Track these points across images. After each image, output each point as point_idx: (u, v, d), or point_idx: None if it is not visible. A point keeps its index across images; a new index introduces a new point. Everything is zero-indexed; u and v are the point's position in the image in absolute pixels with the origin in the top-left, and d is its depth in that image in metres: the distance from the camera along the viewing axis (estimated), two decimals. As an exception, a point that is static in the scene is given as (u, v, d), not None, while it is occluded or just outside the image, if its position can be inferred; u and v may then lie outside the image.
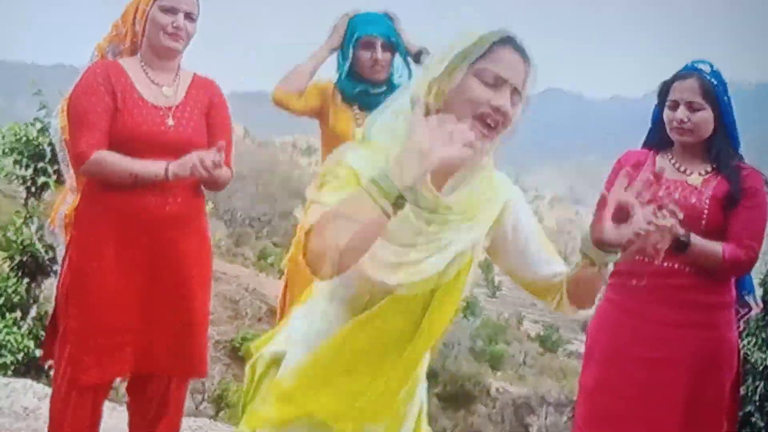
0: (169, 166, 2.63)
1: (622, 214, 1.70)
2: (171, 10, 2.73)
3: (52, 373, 3.08)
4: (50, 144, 8.81)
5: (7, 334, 7.86)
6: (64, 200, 3.01)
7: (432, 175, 1.60)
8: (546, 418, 23.70)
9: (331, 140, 3.07)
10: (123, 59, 2.83)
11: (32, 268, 8.72)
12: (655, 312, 2.67)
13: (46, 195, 8.99)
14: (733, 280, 2.74)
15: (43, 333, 9.12)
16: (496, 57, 1.67)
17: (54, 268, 9.29)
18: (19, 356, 8.28)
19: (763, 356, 10.80)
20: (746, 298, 2.84)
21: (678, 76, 2.72)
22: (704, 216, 2.63)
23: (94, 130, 2.66)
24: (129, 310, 2.74)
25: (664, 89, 2.76)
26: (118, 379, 3.03)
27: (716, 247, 2.58)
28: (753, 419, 10.44)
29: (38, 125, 8.82)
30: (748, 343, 10.93)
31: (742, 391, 9.57)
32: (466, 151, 1.48)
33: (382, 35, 3.16)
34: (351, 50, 3.17)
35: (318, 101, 3.24)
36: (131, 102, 2.72)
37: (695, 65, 2.72)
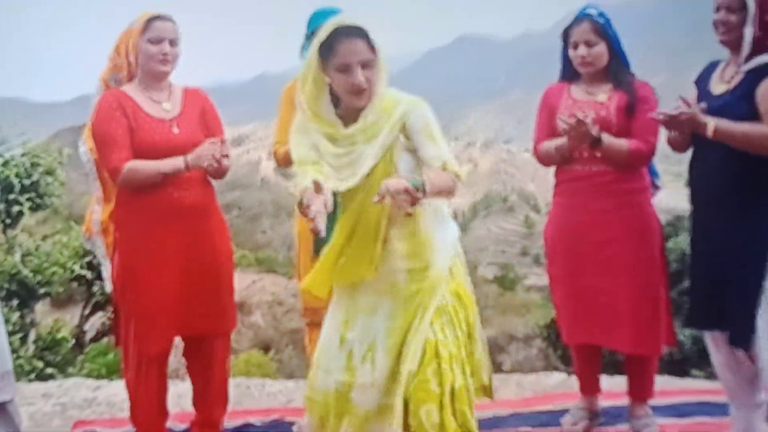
0: (187, 158, 3.21)
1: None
2: (158, 41, 3.28)
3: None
4: (17, 175, 9.25)
5: (15, 359, 8.32)
6: (93, 210, 3.56)
7: (344, 117, 2.61)
8: (516, 353, 24.39)
9: None
10: (124, 86, 3.37)
11: (23, 294, 9.18)
12: (594, 203, 3.39)
13: (23, 222, 9.49)
14: (645, 170, 3.46)
15: (46, 352, 9.67)
16: (337, 53, 2.47)
17: (46, 290, 9.78)
18: (32, 376, 8.81)
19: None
20: (655, 181, 3.58)
21: (574, 22, 3.42)
22: (613, 123, 3.34)
23: (121, 148, 3.22)
24: (173, 289, 3.33)
25: (566, 34, 3.46)
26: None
27: (622, 142, 3.30)
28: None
29: (1, 160, 9.28)
30: (684, 239, 11.69)
31: (685, 284, 10.42)
32: None
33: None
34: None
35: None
36: (141, 120, 3.28)
37: (585, 11, 3.42)
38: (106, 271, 3.56)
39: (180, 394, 4.07)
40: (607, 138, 3.26)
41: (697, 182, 3.30)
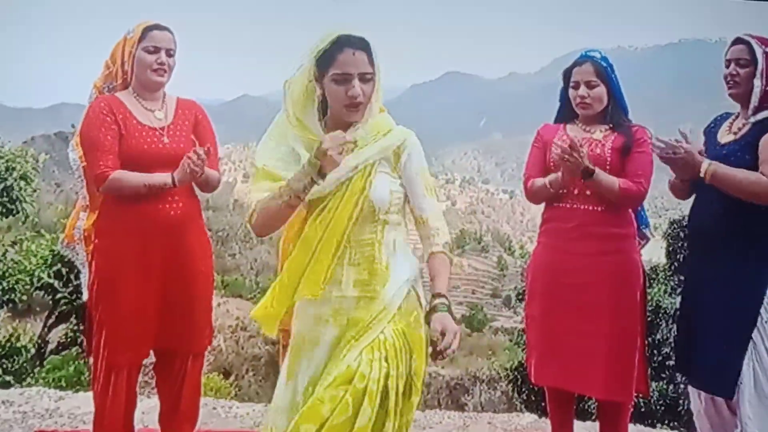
0: (174, 175, 3.18)
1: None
2: (154, 50, 3.26)
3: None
4: (-13, 180, 9.18)
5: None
6: (77, 218, 3.49)
7: (332, 127, 2.47)
8: (480, 395, 24.37)
9: None
10: (118, 93, 3.34)
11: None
12: (577, 246, 3.39)
13: (-6, 226, 9.39)
14: (633, 216, 3.46)
15: (3, 360, 9.49)
16: (337, 62, 2.39)
17: (10, 297, 9.63)
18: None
19: (673, 302, 11.75)
20: (644, 230, 3.59)
21: (576, 63, 3.46)
22: (608, 162, 3.36)
23: (107, 154, 3.17)
24: (149, 301, 3.27)
25: (567, 74, 3.49)
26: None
27: (614, 179, 3.30)
28: (669, 362, 11.34)
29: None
30: (659, 291, 11.86)
31: (658, 336, 10.48)
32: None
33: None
34: None
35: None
36: (132, 127, 3.24)
37: (588, 53, 3.48)
38: (85, 278, 3.48)
39: (144, 411, 3.98)
40: (599, 172, 3.27)
41: (695, 229, 3.34)
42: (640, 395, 3.50)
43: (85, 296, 3.49)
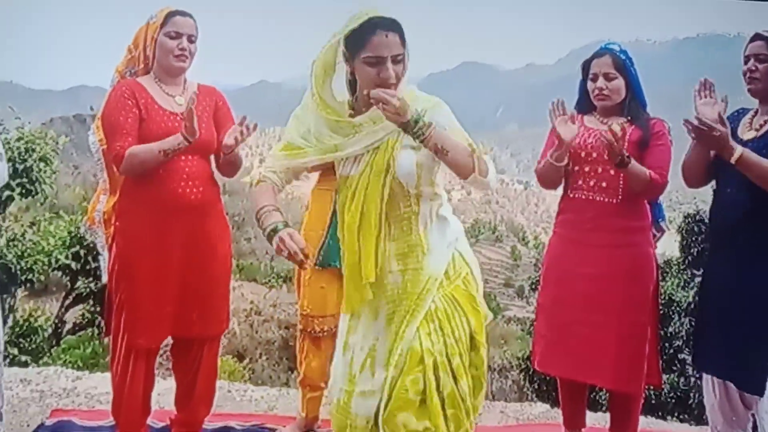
0: (182, 132, 3.12)
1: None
2: (176, 36, 3.28)
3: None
4: (10, 160, 9.19)
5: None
6: (98, 201, 3.53)
7: (361, 105, 2.53)
8: (491, 384, 24.38)
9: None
10: (139, 78, 3.36)
11: (4, 279, 9.11)
12: (591, 238, 3.40)
13: (11, 208, 9.45)
14: (648, 209, 3.47)
15: (21, 340, 9.58)
16: (370, 45, 2.37)
17: (28, 276, 9.71)
18: (6, 362, 8.73)
19: (686, 295, 11.72)
20: (660, 223, 3.59)
21: (595, 55, 3.45)
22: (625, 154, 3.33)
23: (126, 136, 3.19)
24: (168, 284, 3.30)
25: (586, 66, 3.49)
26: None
27: (645, 169, 3.28)
28: (681, 355, 11.35)
29: (-7, 140, 9.19)
30: (672, 284, 11.83)
31: (670, 329, 10.47)
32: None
33: None
34: None
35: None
36: (153, 112, 3.27)
37: (607, 46, 3.48)
38: (104, 261, 3.52)
39: (159, 392, 4.03)
40: (633, 162, 3.25)
41: (716, 223, 3.33)
42: (653, 388, 3.50)
43: (104, 278, 3.53)
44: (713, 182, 3.35)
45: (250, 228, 44.05)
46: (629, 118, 3.44)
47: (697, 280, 11.85)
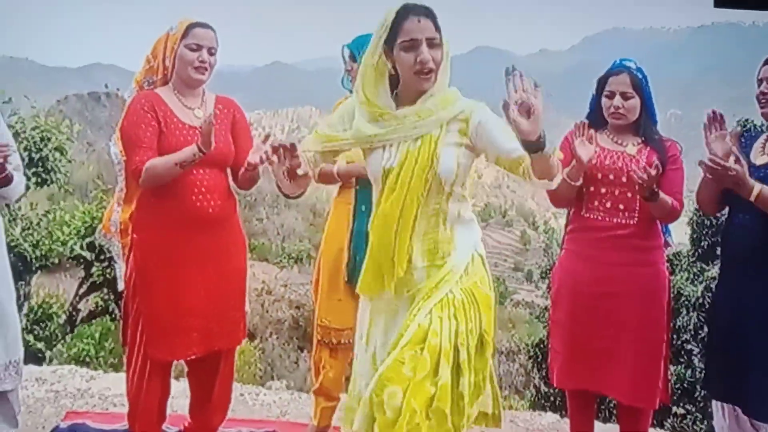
0: (197, 143, 3.12)
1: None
2: (196, 48, 3.27)
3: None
4: (26, 149, 9.25)
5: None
6: (112, 211, 3.54)
7: (404, 98, 2.58)
8: (499, 367, 24.43)
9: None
10: (158, 89, 3.36)
11: (19, 267, 9.17)
12: (607, 256, 3.41)
13: (26, 197, 9.50)
14: (660, 228, 3.48)
15: (36, 327, 9.67)
16: (404, 30, 2.44)
17: (43, 263, 9.79)
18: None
19: (695, 289, 11.73)
20: (667, 238, 3.59)
21: (611, 72, 3.44)
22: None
23: (145, 150, 3.19)
24: (185, 297, 3.31)
25: (601, 82, 3.47)
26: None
27: (668, 198, 3.30)
28: (689, 347, 11.38)
29: (10, 131, 9.19)
30: (681, 278, 11.83)
31: (678, 323, 10.51)
32: None
33: None
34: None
35: None
36: (172, 125, 3.27)
37: (624, 63, 3.46)
38: (120, 270, 3.54)
39: (173, 395, 4.07)
40: (663, 195, 3.26)
41: (729, 248, 3.34)
42: (662, 403, 3.53)
43: (120, 286, 3.55)
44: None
45: (262, 208, 44.14)
46: (644, 138, 3.45)
47: (707, 274, 11.95)
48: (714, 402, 3.42)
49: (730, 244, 3.34)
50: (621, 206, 3.37)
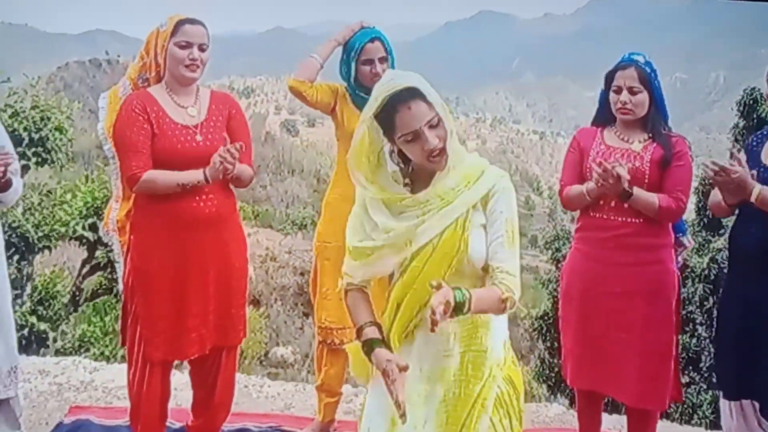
0: (206, 171, 3.15)
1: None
2: (186, 45, 3.19)
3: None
4: (26, 129, 9.20)
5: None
6: (111, 207, 3.52)
7: (416, 182, 2.34)
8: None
9: (345, 138, 3.51)
10: (151, 87, 3.30)
11: (22, 247, 9.18)
12: (615, 256, 3.35)
13: (27, 177, 9.46)
14: (670, 225, 3.42)
15: (39, 307, 9.69)
16: (399, 125, 2.21)
17: (45, 244, 9.80)
18: (25, 332, 8.87)
19: (701, 260, 11.74)
20: (681, 238, 3.53)
21: (619, 67, 3.35)
22: (646, 175, 3.30)
23: (140, 155, 3.14)
24: (185, 297, 3.28)
25: (609, 77, 3.39)
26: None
27: (653, 197, 3.25)
28: (694, 316, 11.44)
29: (9, 111, 9.15)
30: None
31: (684, 293, 10.58)
32: None
33: (381, 40, 3.57)
34: (353, 64, 3.57)
35: (329, 98, 3.64)
36: (165, 126, 3.20)
37: (632, 57, 3.37)
38: (120, 268, 3.51)
39: (176, 386, 4.03)
40: (638, 192, 3.23)
41: (737, 248, 3.30)
42: (674, 402, 3.50)
43: (120, 286, 3.51)
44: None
45: (266, 175, 44.23)
46: (651, 134, 3.37)
47: (713, 246, 11.94)
48: (722, 401, 3.39)
49: (737, 243, 3.30)
50: (626, 205, 3.29)
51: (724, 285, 3.44)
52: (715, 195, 3.28)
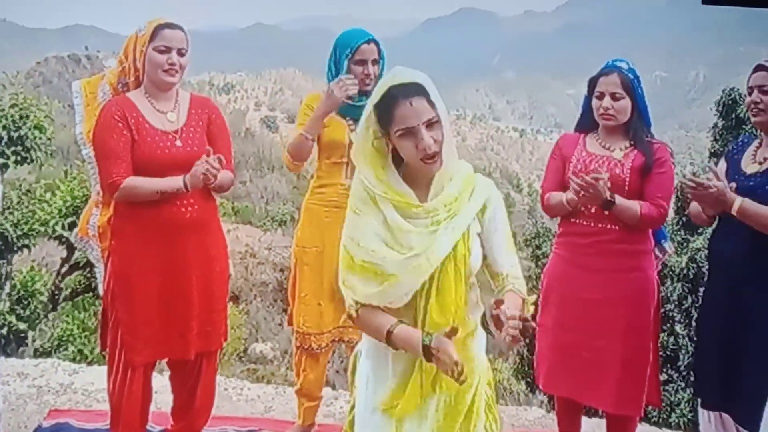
0: (185, 178, 3.15)
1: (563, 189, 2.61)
2: (165, 50, 3.18)
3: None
4: (5, 127, 9.13)
5: (-12, 311, 8.34)
6: (91, 213, 3.49)
7: (414, 181, 2.27)
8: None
9: (327, 147, 3.57)
10: (131, 92, 3.29)
11: (0, 246, 9.11)
12: (595, 262, 3.37)
13: (6, 174, 9.40)
14: (650, 231, 3.44)
15: (18, 306, 9.62)
16: (396, 118, 2.18)
17: (24, 242, 9.73)
18: (3, 330, 8.81)
19: (680, 260, 11.82)
20: (663, 244, 3.56)
21: (602, 73, 3.38)
22: (627, 182, 3.33)
23: (119, 162, 3.14)
24: (165, 302, 3.27)
25: (592, 83, 3.41)
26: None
27: (634, 205, 3.28)
28: (672, 314, 11.52)
29: (-11, 111, 9.10)
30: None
31: (662, 292, 10.65)
32: None
33: (377, 43, 3.54)
34: (346, 63, 3.51)
35: (318, 129, 3.54)
36: (144, 132, 3.20)
37: (615, 63, 3.40)
38: (100, 273, 3.50)
39: (156, 389, 4.02)
40: (619, 201, 3.25)
41: (717, 256, 3.32)
42: (653, 407, 3.52)
43: (100, 290, 3.50)
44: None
45: (246, 171, 44.07)
46: (633, 141, 3.40)
47: (692, 245, 12.02)
48: (701, 411, 3.42)
49: (716, 251, 3.33)
50: (606, 211, 3.32)
51: (704, 294, 3.46)
52: (695, 205, 3.31)
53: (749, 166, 3.21)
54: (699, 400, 3.47)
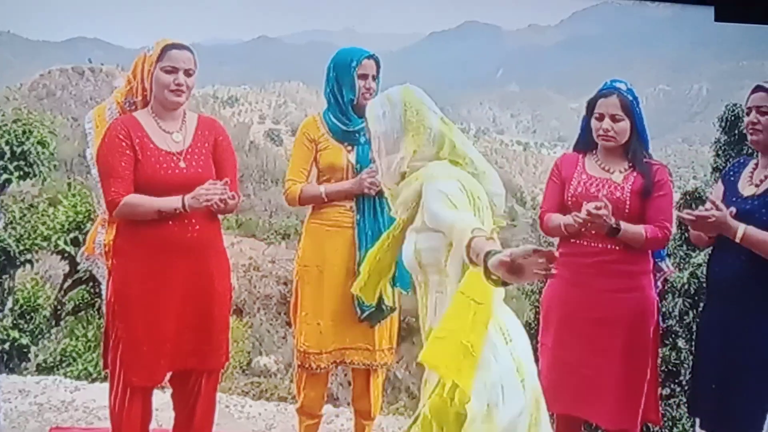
0: (185, 199, 3.16)
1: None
2: (172, 70, 3.22)
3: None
4: (7, 143, 9.20)
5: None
6: (97, 231, 3.50)
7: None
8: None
9: (326, 170, 3.62)
10: (137, 112, 3.33)
11: (3, 261, 9.12)
12: (593, 282, 3.38)
13: (9, 190, 9.44)
14: (650, 253, 3.46)
15: (21, 321, 9.63)
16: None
17: (27, 257, 9.76)
18: (6, 346, 8.82)
19: (681, 275, 11.81)
20: (660, 264, 3.57)
21: (601, 94, 3.40)
22: (627, 206, 3.35)
23: (120, 180, 3.17)
24: (166, 323, 3.28)
25: (591, 104, 3.44)
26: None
27: (640, 229, 3.30)
28: (674, 329, 11.50)
29: (-8, 127, 9.15)
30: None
31: (664, 308, 10.66)
32: None
33: (376, 60, 3.58)
34: (354, 75, 3.53)
35: (313, 145, 3.63)
36: (148, 152, 3.22)
37: (614, 84, 3.42)
38: (104, 291, 3.50)
39: (157, 407, 4.02)
40: (624, 227, 3.27)
41: (715, 277, 3.33)
42: (652, 424, 3.53)
43: (104, 308, 3.51)
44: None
45: (249, 184, 44.05)
46: (632, 163, 3.42)
47: (693, 261, 12.00)
48: (698, 429, 3.42)
49: (714, 273, 3.33)
50: (612, 238, 3.33)
51: (702, 314, 3.46)
52: (692, 230, 3.33)
53: (746, 188, 3.22)
54: (698, 421, 3.47)
